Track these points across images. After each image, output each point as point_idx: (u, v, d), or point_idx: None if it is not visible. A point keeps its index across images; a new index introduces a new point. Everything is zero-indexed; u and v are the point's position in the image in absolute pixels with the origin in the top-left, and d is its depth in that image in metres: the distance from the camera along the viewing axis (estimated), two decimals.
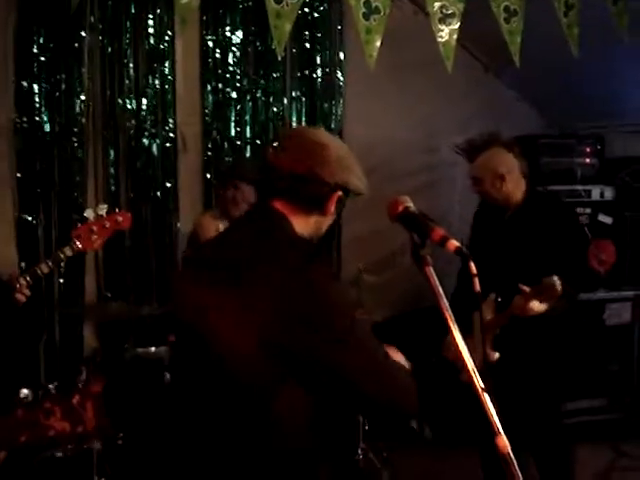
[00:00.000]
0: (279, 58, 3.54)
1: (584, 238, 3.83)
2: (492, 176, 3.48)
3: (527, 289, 3.11)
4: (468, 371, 1.55)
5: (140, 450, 3.52)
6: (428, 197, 5.34)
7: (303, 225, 1.87)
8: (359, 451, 3.72)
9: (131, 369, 3.69)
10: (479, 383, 1.54)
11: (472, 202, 3.92)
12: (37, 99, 4.17)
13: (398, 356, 2.03)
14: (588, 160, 5.39)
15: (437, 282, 1.63)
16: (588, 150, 5.41)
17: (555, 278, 2.98)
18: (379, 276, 4.46)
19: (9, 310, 2.82)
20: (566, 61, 4.16)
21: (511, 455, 1.49)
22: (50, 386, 3.42)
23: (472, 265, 1.54)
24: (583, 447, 3.71)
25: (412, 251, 1.66)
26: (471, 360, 1.57)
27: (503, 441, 1.49)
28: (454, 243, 1.59)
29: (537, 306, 3.10)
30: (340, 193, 1.86)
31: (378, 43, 3.31)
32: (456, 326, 1.58)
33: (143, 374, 3.64)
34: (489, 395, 1.53)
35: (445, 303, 1.60)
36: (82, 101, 4.30)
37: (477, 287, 1.54)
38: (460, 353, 1.56)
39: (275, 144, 1.99)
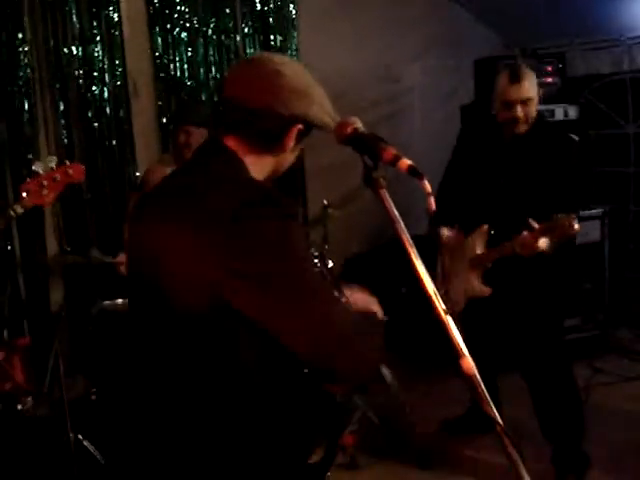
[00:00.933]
0: None
1: (585, 173, 3.76)
2: (533, 98, 3.36)
3: (536, 226, 3.05)
4: (429, 295, 1.50)
5: (112, 405, 3.48)
6: (389, 127, 5.27)
7: (259, 165, 1.72)
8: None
9: (98, 322, 3.62)
10: (441, 305, 1.49)
11: (432, 129, 3.89)
12: None
13: (363, 296, 1.98)
14: (550, 79, 5.33)
15: (392, 206, 1.56)
16: (549, 69, 5.34)
17: (573, 216, 2.92)
18: (345, 210, 4.40)
19: None
20: None
21: (477, 377, 1.45)
22: None
23: (426, 183, 1.48)
24: None
25: (364, 174, 1.59)
26: (432, 284, 1.52)
27: (468, 363, 1.46)
28: (406, 162, 1.52)
29: (543, 244, 3.04)
30: (300, 126, 1.70)
31: None
32: (414, 249, 1.52)
33: (110, 327, 3.58)
34: (452, 317, 1.49)
35: (401, 225, 1.54)
36: (25, 52, 4.12)
37: (432, 206, 1.48)
38: (419, 277, 1.51)
39: (229, 74, 1.87)
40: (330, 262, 3.66)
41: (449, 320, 1.48)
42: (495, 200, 3.46)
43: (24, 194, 2.75)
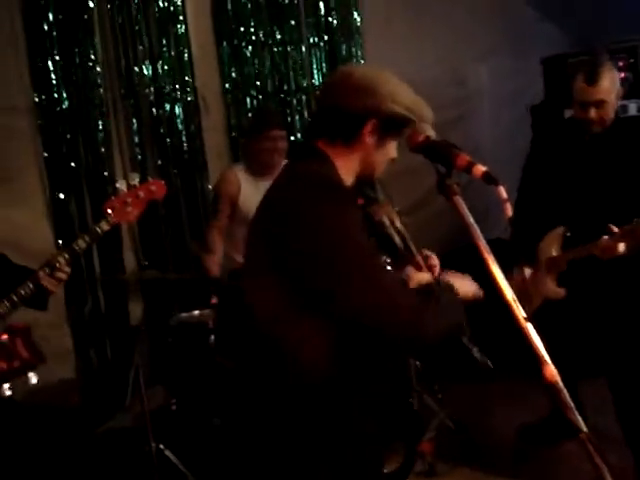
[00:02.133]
0: None
1: None
2: (609, 101, 3.24)
3: (616, 230, 2.95)
4: (508, 301, 1.49)
5: (191, 414, 3.54)
6: (458, 130, 5.22)
7: (346, 163, 1.83)
8: (413, 394, 3.69)
9: (177, 334, 3.69)
10: (521, 313, 1.47)
11: (501, 131, 3.84)
12: (53, 76, 4.12)
13: (460, 277, 2.02)
14: (622, 75, 5.19)
15: (467, 212, 1.56)
16: (621, 64, 5.21)
17: None
18: (415, 217, 4.38)
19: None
20: None
21: (560, 384, 1.43)
22: None
23: (501, 190, 1.47)
24: None
25: (437, 182, 1.59)
26: (510, 290, 1.50)
27: (550, 371, 1.44)
28: (481, 168, 1.51)
29: (622, 247, 2.95)
30: (374, 121, 1.78)
31: None
32: (491, 255, 1.51)
33: (189, 338, 3.64)
34: (532, 325, 1.47)
35: (477, 232, 1.54)
36: (98, 72, 4.24)
37: (509, 212, 1.46)
38: (497, 283, 1.49)
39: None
40: None
41: (530, 327, 1.47)
42: (575, 201, 3.37)
43: (109, 211, 2.82)
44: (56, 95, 4.13)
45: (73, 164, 4.20)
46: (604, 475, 1.41)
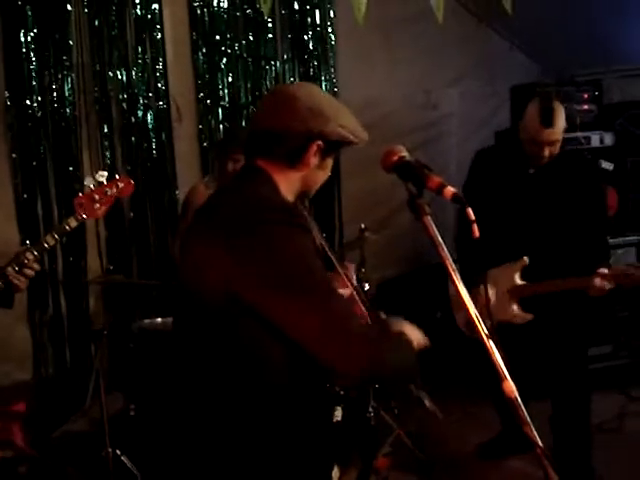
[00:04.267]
0: (266, 17, 3.45)
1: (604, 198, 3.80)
2: (560, 140, 3.43)
3: (606, 271, 3.17)
4: (471, 318, 1.54)
5: (150, 421, 3.53)
6: (427, 152, 5.30)
7: (288, 182, 1.86)
8: (370, 409, 3.73)
9: (138, 341, 3.69)
10: (483, 329, 1.53)
11: (468, 155, 3.90)
12: (27, 76, 4.12)
13: (405, 324, 1.97)
14: (586, 106, 5.33)
15: (436, 232, 1.61)
16: (586, 96, 5.34)
17: None
18: (381, 234, 4.43)
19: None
20: (559, 6, 4.11)
21: (518, 399, 1.49)
22: None
23: (470, 211, 1.53)
24: (594, 394, 3.71)
25: (409, 201, 1.64)
26: (474, 307, 1.56)
27: (510, 386, 1.49)
28: (451, 190, 1.57)
29: (609, 286, 3.17)
30: (319, 143, 1.82)
31: None
32: (458, 275, 1.57)
33: (150, 345, 3.64)
34: (493, 341, 1.52)
35: (446, 252, 1.59)
36: (72, 75, 4.25)
37: (476, 233, 1.52)
38: (462, 301, 1.55)
39: (257, 108, 1.99)
40: (367, 285, 3.70)
41: (491, 344, 1.52)
42: (524, 229, 3.51)
43: (77, 208, 2.83)
44: (29, 96, 4.13)
45: (41, 166, 4.19)
46: None
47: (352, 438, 3.62)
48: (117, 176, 3.01)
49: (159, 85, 4.55)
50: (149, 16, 4.49)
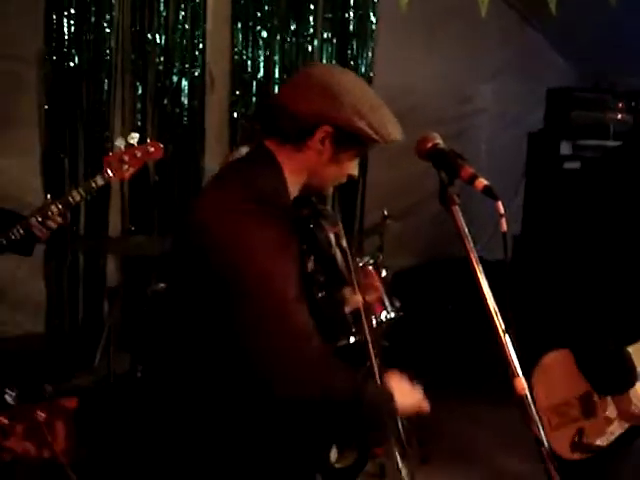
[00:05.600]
0: None
1: None
2: None
3: None
4: (490, 312, 1.54)
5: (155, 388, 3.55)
6: (455, 146, 5.26)
7: (293, 169, 1.78)
8: None
9: (152, 304, 3.70)
10: (500, 324, 1.52)
11: (497, 152, 3.88)
12: (66, 31, 4.11)
13: (410, 394, 1.85)
14: (621, 116, 5.29)
15: (463, 222, 1.60)
16: (622, 106, 5.30)
17: None
18: (402, 223, 4.42)
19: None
20: (605, 12, 4.06)
21: (528, 397, 1.48)
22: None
23: (500, 205, 1.52)
24: None
25: (440, 190, 1.64)
26: (493, 301, 1.55)
27: (521, 383, 1.49)
28: (483, 181, 1.56)
29: None
30: (328, 129, 1.72)
31: None
32: (480, 266, 1.56)
33: (163, 309, 3.66)
34: (509, 336, 1.52)
35: (470, 244, 1.58)
36: (111, 35, 4.25)
37: (504, 227, 1.51)
38: (483, 293, 1.54)
39: None
40: (384, 271, 3.69)
41: (507, 340, 1.52)
42: None
43: (106, 167, 2.83)
44: (66, 50, 4.13)
45: (72, 122, 4.20)
46: None
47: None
48: (148, 140, 3.02)
49: (196, 53, 4.54)
50: None
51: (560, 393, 2.38)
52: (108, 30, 4.23)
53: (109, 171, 2.83)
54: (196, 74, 4.56)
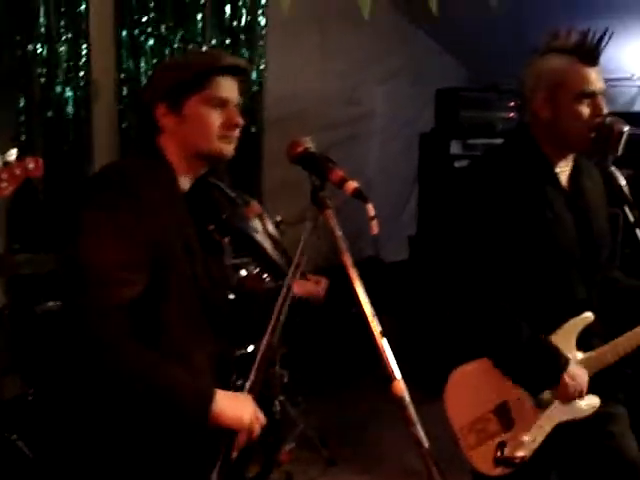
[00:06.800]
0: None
1: None
2: None
3: None
4: (366, 316, 1.53)
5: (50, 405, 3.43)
6: (348, 148, 5.31)
7: (173, 154, 1.83)
8: (276, 403, 3.70)
9: (42, 323, 3.57)
10: (376, 327, 1.52)
11: (389, 154, 3.91)
12: None
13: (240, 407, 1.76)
14: (511, 114, 5.42)
15: (337, 225, 1.60)
16: (509, 104, 5.44)
17: None
18: (300, 228, 4.40)
19: None
20: (490, 14, 4.14)
21: (406, 399, 1.48)
22: None
23: (370, 207, 1.51)
24: None
25: (311, 193, 1.63)
26: (370, 307, 1.55)
27: (399, 385, 1.49)
28: (352, 184, 1.56)
29: None
30: (161, 102, 1.82)
31: None
32: (354, 269, 1.55)
33: (54, 328, 3.53)
34: (386, 340, 1.51)
35: (344, 246, 1.58)
36: None
37: (375, 230, 1.51)
38: (358, 297, 1.54)
39: None
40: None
41: (384, 342, 1.51)
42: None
43: None
44: None
45: None
46: None
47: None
48: (27, 156, 2.92)
49: (80, 62, 4.41)
50: None
51: (474, 409, 2.30)
52: None
53: None
54: (81, 84, 4.43)
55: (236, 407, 1.71)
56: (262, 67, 5.11)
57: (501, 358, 2.24)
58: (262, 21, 5.07)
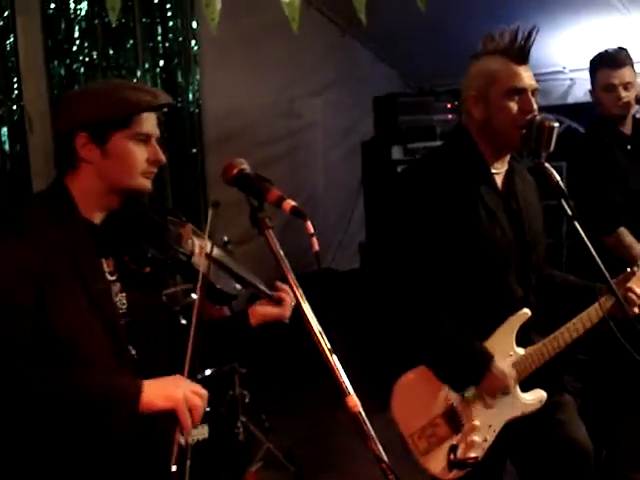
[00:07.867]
0: (113, 25, 3.32)
1: None
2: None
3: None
4: (315, 334, 1.51)
5: None
6: (291, 161, 5.31)
7: (83, 190, 1.78)
8: (238, 424, 3.66)
9: None
10: (326, 345, 1.50)
11: (333, 164, 3.91)
12: None
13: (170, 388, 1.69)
14: (447, 116, 5.47)
15: (277, 245, 1.59)
16: (447, 106, 5.49)
17: None
18: (247, 246, 4.37)
19: None
20: (421, 18, 4.16)
21: (362, 414, 1.47)
22: None
23: (309, 225, 1.50)
24: None
25: (250, 215, 1.61)
26: (317, 324, 1.53)
27: (353, 400, 1.47)
28: (290, 203, 1.55)
29: None
30: (82, 133, 1.74)
31: (219, 5, 3.15)
32: (299, 288, 1.54)
33: None
34: (336, 356, 1.50)
35: (287, 266, 1.56)
36: None
37: (316, 247, 1.50)
38: (304, 316, 1.52)
39: None
40: None
41: (334, 359, 1.50)
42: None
43: None
44: None
45: None
46: None
47: (219, 455, 3.54)
48: None
49: (12, 95, 4.33)
50: (1, 23, 4.26)
51: (422, 415, 2.30)
52: None
53: None
54: (15, 118, 4.35)
55: (166, 387, 1.66)
56: (197, 89, 5.09)
57: (427, 356, 2.30)
58: (194, 43, 5.05)
